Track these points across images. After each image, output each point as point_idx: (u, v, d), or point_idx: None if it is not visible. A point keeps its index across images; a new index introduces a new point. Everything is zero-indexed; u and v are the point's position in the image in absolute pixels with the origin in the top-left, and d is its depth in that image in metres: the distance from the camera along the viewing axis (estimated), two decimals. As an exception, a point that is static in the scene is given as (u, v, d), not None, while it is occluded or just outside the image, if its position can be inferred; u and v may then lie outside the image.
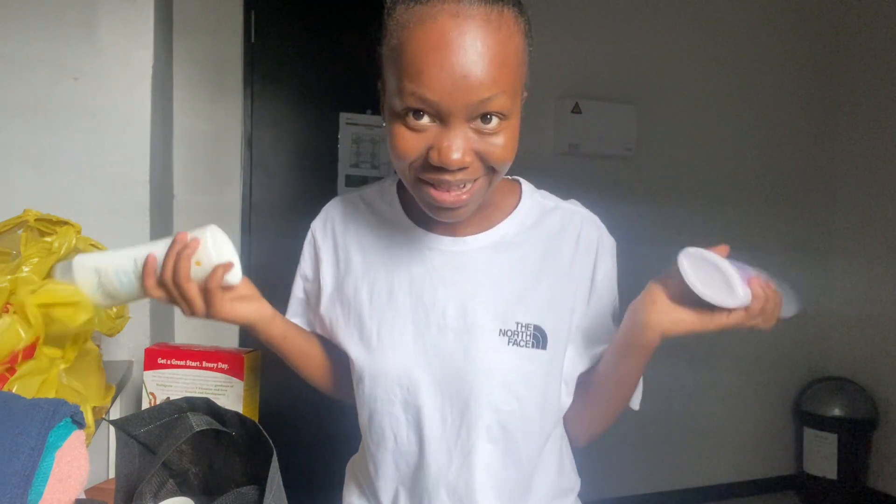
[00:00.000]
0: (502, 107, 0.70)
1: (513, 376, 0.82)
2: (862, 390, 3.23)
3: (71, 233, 0.93)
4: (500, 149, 0.72)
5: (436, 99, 0.69)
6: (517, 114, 0.75)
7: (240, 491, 0.67)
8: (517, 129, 0.75)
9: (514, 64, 0.72)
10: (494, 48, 0.69)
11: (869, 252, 3.32)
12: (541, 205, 0.89)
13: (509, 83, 0.71)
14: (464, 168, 0.72)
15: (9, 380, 0.84)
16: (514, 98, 0.73)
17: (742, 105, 3.28)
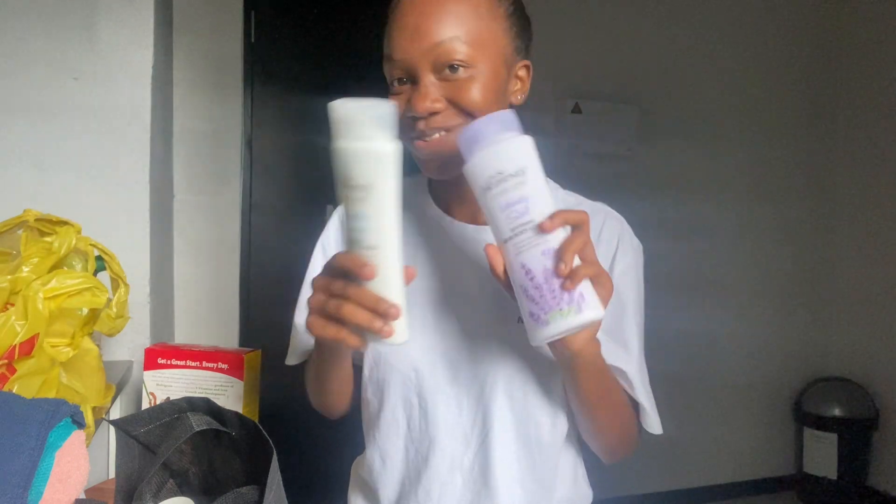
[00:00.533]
0: (461, 53, 0.75)
1: (527, 363, 0.83)
2: (862, 390, 3.23)
3: (71, 233, 0.93)
4: (469, 92, 0.76)
5: (398, 57, 0.76)
6: (491, 70, 0.77)
7: (240, 491, 0.67)
8: (493, 82, 0.77)
9: (475, 18, 0.76)
10: (454, 9, 0.75)
11: (869, 252, 3.32)
12: (564, 199, 0.89)
13: (469, 34, 0.75)
14: (435, 113, 0.76)
15: (9, 380, 0.84)
16: (480, 50, 0.76)
17: (742, 105, 3.28)
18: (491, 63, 0.78)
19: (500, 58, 0.79)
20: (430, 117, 0.77)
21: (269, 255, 2.60)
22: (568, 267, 0.63)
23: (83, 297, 0.88)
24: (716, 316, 3.25)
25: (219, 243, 2.50)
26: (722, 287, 3.27)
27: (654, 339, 3.42)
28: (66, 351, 0.91)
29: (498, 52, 0.79)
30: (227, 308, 2.52)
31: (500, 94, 0.80)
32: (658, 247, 3.05)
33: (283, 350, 1.02)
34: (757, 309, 3.35)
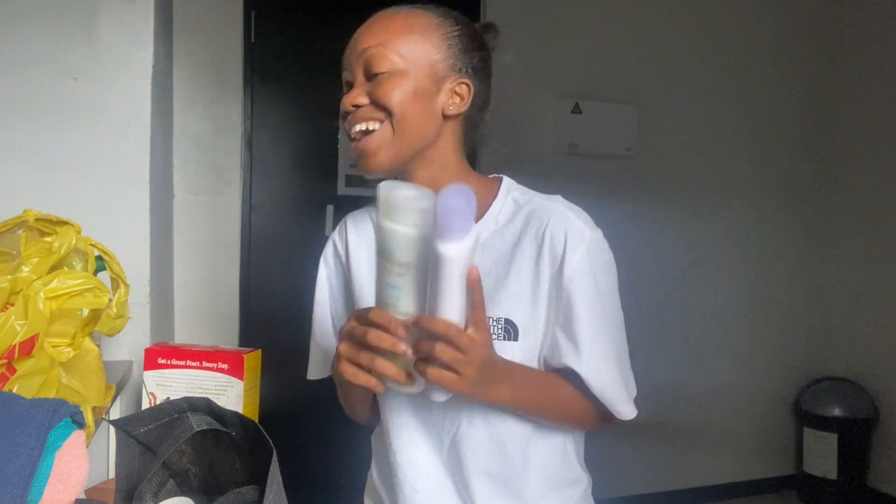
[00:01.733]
0: (385, 59, 0.85)
1: None
2: (862, 390, 3.23)
3: (71, 233, 0.93)
4: (386, 90, 0.84)
5: (343, 63, 0.90)
6: (414, 79, 0.85)
7: (240, 491, 0.67)
8: (414, 89, 0.85)
9: (401, 32, 0.87)
10: (384, 23, 0.88)
11: (869, 252, 3.32)
12: (515, 202, 0.92)
13: (392, 42, 0.86)
14: (358, 106, 0.86)
15: (9, 380, 0.84)
16: (404, 57, 0.85)
17: (742, 105, 3.28)
18: (415, 73, 0.86)
19: (427, 67, 0.86)
20: (355, 111, 0.86)
21: (269, 255, 2.60)
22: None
23: (84, 297, 0.88)
24: (716, 315, 3.25)
25: (219, 243, 2.50)
26: (722, 286, 3.27)
27: (655, 339, 3.45)
28: (66, 351, 0.91)
29: (426, 60, 0.87)
30: (227, 308, 2.52)
31: (425, 103, 0.86)
32: (657, 246, 3.07)
33: (283, 350, 1.02)
34: (757, 309, 3.35)
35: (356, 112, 0.86)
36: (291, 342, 2.62)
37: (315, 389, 1.14)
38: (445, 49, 0.88)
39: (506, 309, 0.86)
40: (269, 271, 2.60)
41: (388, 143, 0.86)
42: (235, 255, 2.53)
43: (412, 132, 0.86)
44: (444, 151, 0.91)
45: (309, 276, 1.07)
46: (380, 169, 0.86)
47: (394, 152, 0.86)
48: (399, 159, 0.87)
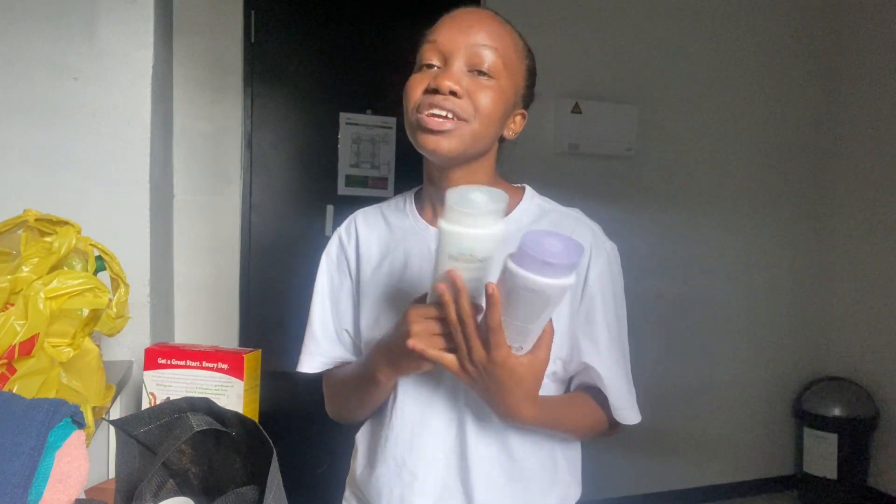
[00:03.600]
0: (494, 64, 0.87)
1: None
2: (862, 390, 3.23)
3: (71, 233, 0.93)
4: (486, 95, 0.87)
5: (442, 39, 0.88)
6: (505, 92, 0.89)
7: (240, 491, 0.67)
8: (503, 102, 0.89)
9: (511, 48, 0.90)
10: (498, 29, 0.89)
11: (869, 252, 3.32)
12: (540, 207, 0.97)
13: (503, 52, 0.88)
14: (454, 94, 0.85)
15: (9, 380, 0.84)
16: (506, 71, 0.89)
17: (742, 105, 3.28)
18: (507, 87, 0.90)
19: (514, 88, 0.91)
20: (448, 96, 0.86)
21: (269, 255, 2.60)
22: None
23: (85, 297, 0.88)
24: (716, 315, 3.25)
25: (219, 243, 2.50)
26: (722, 286, 3.27)
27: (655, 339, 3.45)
28: (66, 351, 0.91)
29: (515, 83, 0.91)
30: (227, 308, 2.52)
31: (504, 117, 0.91)
32: (657, 246, 3.07)
33: (283, 350, 1.02)
34: (757, 309, 3.35)
35: (450, 98, 0.86)
36: (291, 342, 2.63)
37: (315, 390, 1.14)
38: (525, 79, 0.94)
39: None
40: (269, 271, 2.60)
41: (464, 140, 0.87)
42: (235, 255, 2.53)
43: (483, 140, 0.90)
44: (486, 163, 0.95)
45: (309, 276, 1.07)
46: (446, 155, 0.88)
47: (463, 149, 0.88)
48: (461, 156, 0.90)
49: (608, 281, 0.92)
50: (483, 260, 0.73)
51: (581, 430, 0.95)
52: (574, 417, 0.93)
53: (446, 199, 0.71)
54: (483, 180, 0.93)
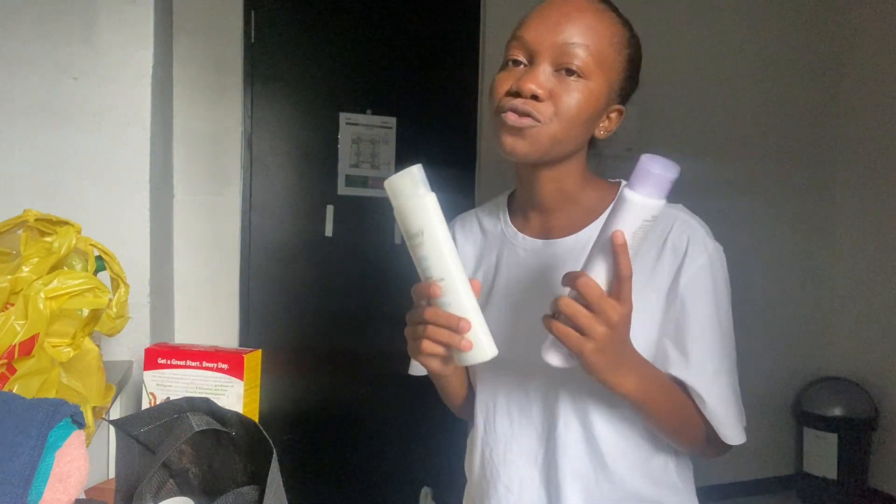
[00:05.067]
0: (584, 63, 0.80)
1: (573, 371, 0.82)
2: (862, 390, 3.23)
3: (71, 233, 0.93)
4: (572, 97, 0.80)
5: (529, 39, 0.81)
6: (598, 91, 0.82)
7: (240, 491, 0.67)
8: (593, 102, 0.82)
9: (605, 43, 0.82)
10: (592, 21, 0.81)
11: (870, 252, 3.32)
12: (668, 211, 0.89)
13: (595, 48, 0.80)
14: (536, 97, 0.80)
15: (9, 380, 0.84)
16: (598, 69, 0.81)
17: (742, 105, 3.28)
18: (599, 85, 0.82)
19: (608, 86, 0.83)
20: (530, 100, 0.80)
21: (269, 255, 2.60)
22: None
23: (85, 297, 0.88)
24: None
25: (219, 243, 2.50)
26: (722, 287, 3.26)
27: (654, 339, 3.36)
28: (66, 351, 0.91)
29: (609, 80, 0.84)
30: (227, 308, 2.52)
31: (592, 118, 0.84)
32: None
33: (283, 350, 1.02)
34: (757, 309, 3.35)
35: (531, 102, 0.80)
36: (291, 342, 2.63)
37: (315, 389, 1.14)
38: (624, 71, 0.86)
39: None
40: (269, 271, 2.60)
41: (541, 143, 0.82)
42: (235, 255, 2.53)
43: (566, 144, 0.84)
44: (576, 161, 0.90)
45: (309, 276, 1.07)
46: (523, 158, 0.83)
47: (541, 152, 0.83)
48: (541, 159, 0.85)
49: (706, 283, 0.83)
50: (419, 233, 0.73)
51: (676, 424, 0.85)
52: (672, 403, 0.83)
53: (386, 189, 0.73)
54: (572, 182, 0.90)
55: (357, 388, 2.62)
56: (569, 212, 0.90)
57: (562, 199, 0.91)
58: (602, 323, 0.69)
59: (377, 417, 2.63)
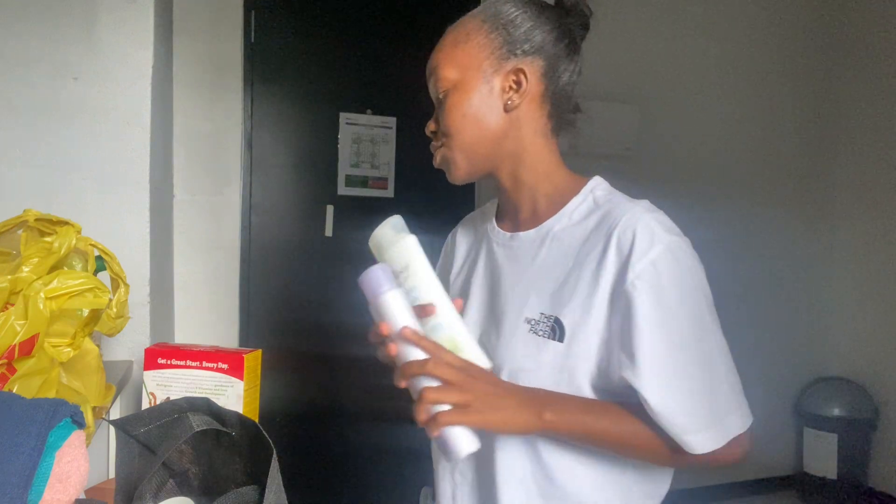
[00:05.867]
0: (443, 81, 0.88)
1: (526, 362, 0.84)
2: (862, 390, 3.23)
3: (71, 233, 0.93)
4: (446, 115, 0.88)
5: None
6: (466, 84, 0.87)
7: (240, 491, 0.67)
8: (465, 98, 0.87)
9: (456, 48, 0.88)
10: (441, 45, 0.90)
11: (869, 252, 3.32)
12: (595, 201, 0.89)
13: (446, 61, 0.88)
14: (434, 133, 0.92)
15: (9, 380, 0.84)
16: (457, 72, 0.87)
17: (742, 105, 3.28)
18: (465, 82, 0.87)
19: (476, 74, 0.87)
20: (433, 137, 0.92)
21: (269, 255, 2.60)
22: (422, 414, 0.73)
23: (85, 297, 0.88)
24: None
25: (219, 243, 2.50)
26: (722, 287, 3.26)
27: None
28: (66, 351, 0.91)
29: (475, 69, 0.87)
30: (227, 308, 2.52)
31: (478, 115, 0.87)
32: (658, 247, 3.06)
33: (283, 350, 1.02)
34: (757, 309, 3.35)
35: (434, 138, 0.92)
36: (291, 342, 2.63)
37: (315, 390, 1.14)
38: (492, 43, 0.87)
39: (557, 307, 0.83)
40: (269, 271, 2.60)
41: (456, 162, 0.90)
42: (235, 255, 2.53)
43: (473, 144, 0.88)
44: (520, 143, 0.90)
45: (309, 277, 1.08)
46: (459, 182, 0.93)
47: (464, 168, 0.90)
48: (474, 169, 0.91)
49: (653, 280, 0.77)
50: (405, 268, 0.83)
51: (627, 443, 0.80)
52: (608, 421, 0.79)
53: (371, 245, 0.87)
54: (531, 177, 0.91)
55: (357, 388, 2.62)
56: (533, 205, 0.92)
57: (524, 195, 0.93)
58: (463, 386, 0.73)
59: (377, 417, 2.63)
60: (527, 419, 0.76)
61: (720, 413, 0.79)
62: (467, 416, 0.72)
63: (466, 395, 0.72)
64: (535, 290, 0.87)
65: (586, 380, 0.82)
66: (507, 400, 0.76)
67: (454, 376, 0.73)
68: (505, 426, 0.75)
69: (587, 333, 0.81)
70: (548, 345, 0.82)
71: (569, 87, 0.94)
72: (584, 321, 0.81)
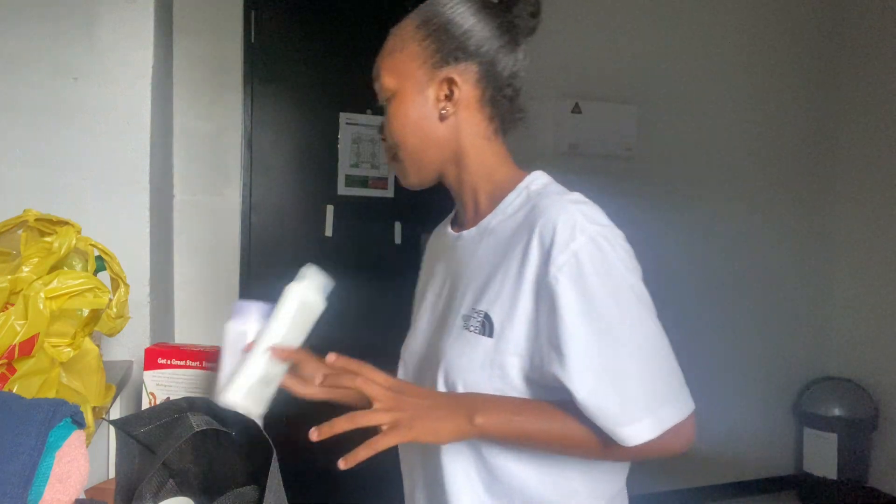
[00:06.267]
0: (384, 89, 0.90)
1: (458, 360, 0.84)
2: (862, 390, 3.23)
3: (71, 233, 0.93)
4: (388, 124, 0.90)
5: None
6: (402, 102, 0.88)
7: (240, 491, 0.67)
8: (405, 107, 0.88)
9: (393, 57, 0.89)
10: (380, 54, 0.91)
11: (870, 252, 3.32)
12: (528, 195, 0.87)
13: (387, 68, 0.89)
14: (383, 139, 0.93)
15: (9, 380, 0.84)
16: (396, 80, 0.88)
17: (742, 105, 3.28)
18: (403, 90, 0.88)
19: (412, 83, 0.88)
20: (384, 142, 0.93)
21: (269, 255, 2.60)
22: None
23: (85, 297, 0.88)
24: (715, 316, 3.25)
25: (219, 243, 2.50)
26: (722, 287, 3.27)
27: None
28: (66, 351, 0.91)
29: (410, 78, 0.88)
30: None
31: (421, 116, 0.88)
32: (657, 246, 3.06)
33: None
34: (757, 309, 3.35)
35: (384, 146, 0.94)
36: (291, 342, 2.62)
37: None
38: (425, 52, 0.87)
39: (487, 303, 0.83)
40: (269, 271, 2.60)
41: (405, 169, 0.92)
42: (235, 255, 2.53)
43: (417, 152, 0.90)
44: (461, 148, 0.90)
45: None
46: (413, 188, 0.95)
47: (414, 175, 0.92)
48: (424, 175, 0.92)
49: (576, 272, 0.76)
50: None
51: (562, 441, 0.79)
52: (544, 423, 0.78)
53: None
54: (473, 178, 0.91)
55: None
56: (475, 205, 0.92)
57: (468, 195, 0.93)
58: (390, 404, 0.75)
59: (377, 417, 2.62)
60: (459, 426, 0.76)
61: (653, 403, 0.77)
62: (398, 435, 0.73)
63: (395, 414, 0.73)
64: (472, 286, 0.87)
65: (519, 375, 0.81)
66: (437, 410, 0.76)
67: (381, 394, 0.74)
68: (437, 437, 0.76)
69: (515, 329, 0.80)
70: (479, 341, 0.82)
71: (512, 81, 0.91)
72: (511, 316, 0.81)
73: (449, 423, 0.76)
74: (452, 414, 0.77)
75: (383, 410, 0.74)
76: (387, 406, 0.74)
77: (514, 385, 0.81)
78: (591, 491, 0.85)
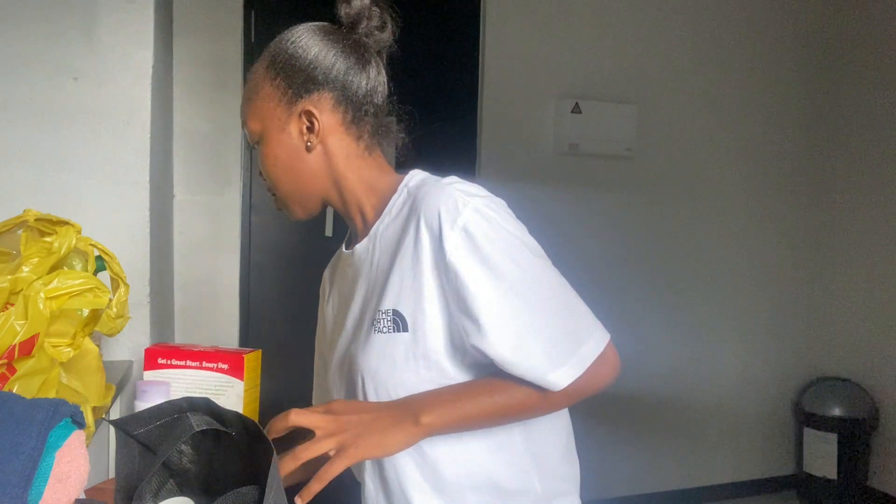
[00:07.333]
0: (251, 133, 0.92)
1: (377, 363, 0.85)
2: (862, 390, 3.23)
3: (71, 233, 0.93)
4: (262, 166, 0.93)
5: None
6: (268, 133, 0.91)
7: (240, 491, 0.67)
8: (272, 147, 0.91)
9: (255, 98, 0.91)
10: (245, 99, 0.94)
11: (869, 252, 3.32)
12: (408, 192, 0.89)
13: (251, 113, 0.92)
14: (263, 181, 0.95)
15: (9, 380, 0.84)
16: (259, 123, 0.91)
17: (742, 105, 3.28)
18: (267, 131, 0.91)
19: (273, 123, 0.90)
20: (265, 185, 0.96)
21: (269, 255, 2.60)
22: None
23: (85, 297, 0.88)
24: (716, 316, 3.25)
25: (219, 243, 2.50)
26: (722, 287, 3.27)
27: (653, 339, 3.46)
28: (66, 351, 0.91)
29: (270, 118, 0.90)
30: (227, 308, 2.52)
31: (285, 158, 0.90)
32: (657, 246, 3.07)
33: (283, 350, 1.04)
34: (757, 309, 3.35)
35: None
36: (291, 342, 2.63)
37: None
38: (277, 90, 0.90)
39: (392, 300, 0.84)
40: (269, 271, 2.60)
41: (288, 206, 0.94)
42: (235, 255, 2.53)
43: (294, 190, 0.92)
44: (337, 172, 0.92)
45: (309, 277, 1.08)
46: (304, 219, 0.96)
47: (299, 209, 0.94)
48: (309, 206, 0.94)
49: (470, 244, 0.78)
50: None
51: (505, 409, 0.81)
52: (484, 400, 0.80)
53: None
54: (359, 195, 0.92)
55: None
56: (363, 218, 0.93)
57: (354, 212, 0.94)
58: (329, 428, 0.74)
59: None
60: (407, 431, 0.77)
61: (572, 344, 0.79)
62: (346, 458, 0.73)
63: (338, 438, 0.73)
64: (375, 291, 0.88)
65: (445, 359, 0.83)
66: (380, 422, 0.77)
67: (319, 420, 0.74)
68: (385, 449, 0.76)
69: (427, 316, 0.82)
70: (395, 338, 0.83)
71: (371, 98, 0.93)
72: (420, 306, 0.82)
73: (396, 432, 0.77)
74: (397, 421, 0.77)
75: (325, 437, 0.73)
76: (328, 431, 0.74)
77: (443, 369, 0.83)
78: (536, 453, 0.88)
